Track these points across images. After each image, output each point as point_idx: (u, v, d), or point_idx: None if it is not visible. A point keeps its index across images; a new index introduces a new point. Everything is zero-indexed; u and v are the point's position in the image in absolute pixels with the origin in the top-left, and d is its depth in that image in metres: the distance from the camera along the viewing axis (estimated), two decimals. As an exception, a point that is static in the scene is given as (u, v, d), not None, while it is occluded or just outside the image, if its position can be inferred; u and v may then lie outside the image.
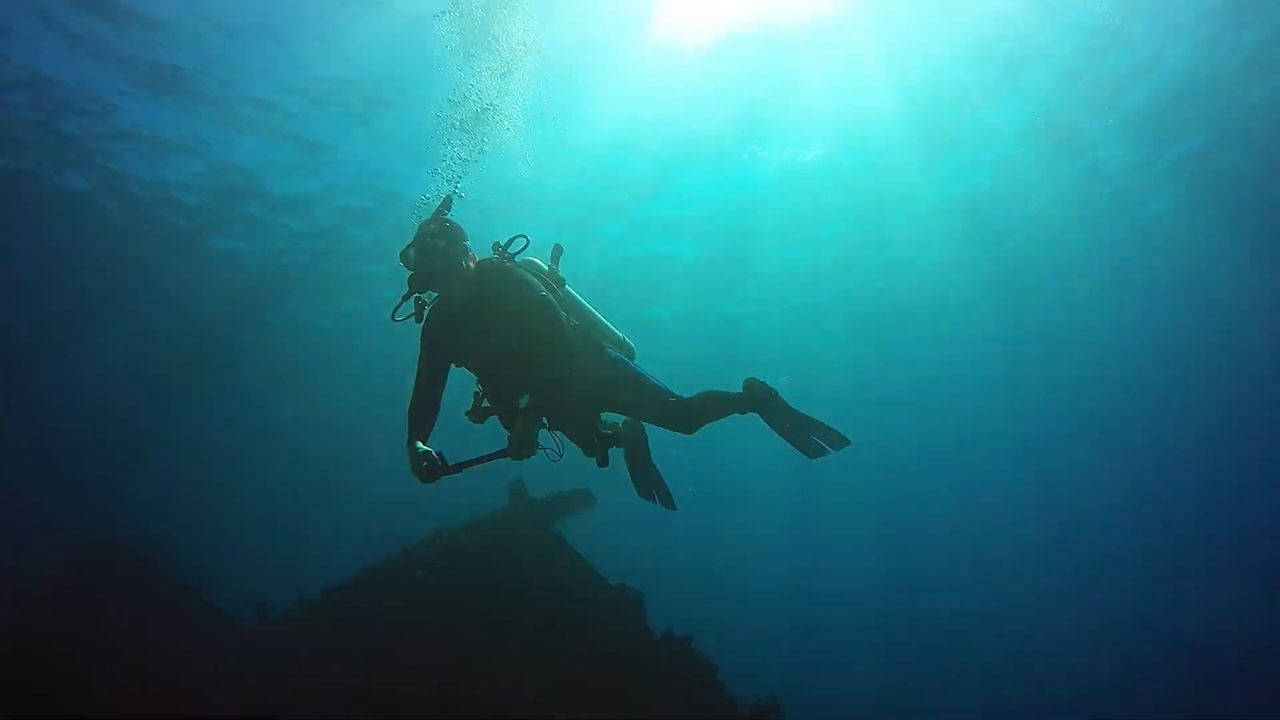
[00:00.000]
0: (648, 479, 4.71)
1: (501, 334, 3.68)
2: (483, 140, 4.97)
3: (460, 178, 4.58)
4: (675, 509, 4.68)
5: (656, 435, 4.75)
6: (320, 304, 19.16)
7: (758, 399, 4.27)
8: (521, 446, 3.40)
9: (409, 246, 3.69)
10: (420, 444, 3.45)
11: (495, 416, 3.82)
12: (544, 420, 3.79)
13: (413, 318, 3.73)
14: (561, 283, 4.05)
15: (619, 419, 4.52)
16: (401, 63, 10.88)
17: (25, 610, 9.10)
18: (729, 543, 38.40)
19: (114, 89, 11.48)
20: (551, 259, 4.17)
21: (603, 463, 3.87)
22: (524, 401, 3.68)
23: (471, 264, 3.78)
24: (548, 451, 3.72)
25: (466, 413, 3.84)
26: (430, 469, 3.33)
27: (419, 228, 3.77)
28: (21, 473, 23.03)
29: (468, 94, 5.22)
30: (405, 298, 3.70)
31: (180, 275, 17.08)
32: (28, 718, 7.33)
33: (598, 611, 7.39)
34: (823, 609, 37.68)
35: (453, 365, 3.81)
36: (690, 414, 4.17)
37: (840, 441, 4.23)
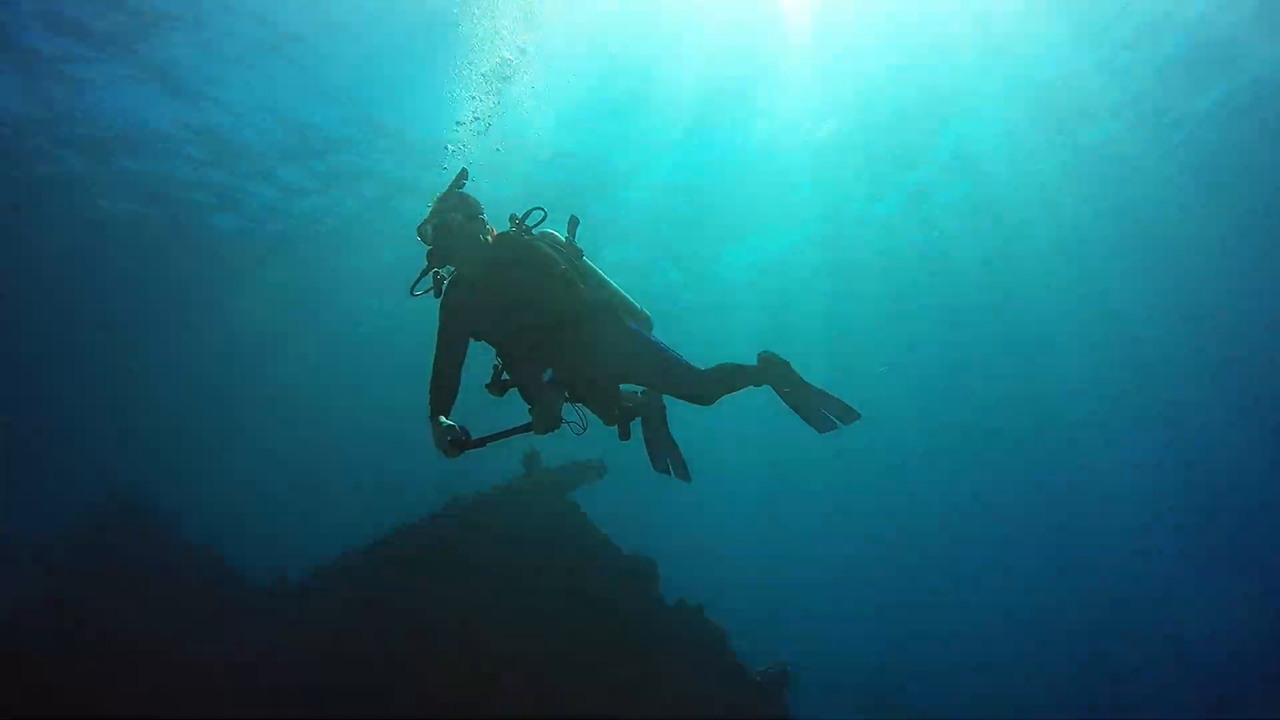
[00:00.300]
0: (664, 451, 4.71)
1: (520, 307, 3.67)
2: (507, 82, 4.83)
3: (485, 129, 4.49)
4: (689, 481, 4.66)
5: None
6: (316, 269, 18.70)
7: (771, 372, 4.27)
8: (546, 420, 3.41)
9: (425, 222, 3.69)
10: (444, 419, 3.47)
11: (515, 389, 3.83)
12: (566, 394, 3.78)
13: (431, 292, 3.74)
14: (579, 254, 4.02)
15: (637, 390, 4.52)
16: (409, 14, 10.53)
17: (46, 573, 9.28)
18: (729, 523, 38.56)
19: (78, 52, 10.73)
20: (568, 230, 4.13)
21: (624, 435, 3.87)
22: (547, 375, 3.68)
23: (489, 237, 3.77)
24: (571, 425, 3.72)
25: (486, 385, 3.83)
26: (454, 443, 3.36)
27: (435, 202, 3.75)
28: (34, 441, 23.22)
29: (491, 45, 5.08)
30: (423, 273, 3.70)
31: (171, 239, 16.54)
32: (46, 684, 7.50)
33: (612, 580, 7.49)
34: (822, 591, 37.93)
35: (472, 339, 3.81)
36: (708, 385, 4.16)
37: (850, 415, 4.20)
